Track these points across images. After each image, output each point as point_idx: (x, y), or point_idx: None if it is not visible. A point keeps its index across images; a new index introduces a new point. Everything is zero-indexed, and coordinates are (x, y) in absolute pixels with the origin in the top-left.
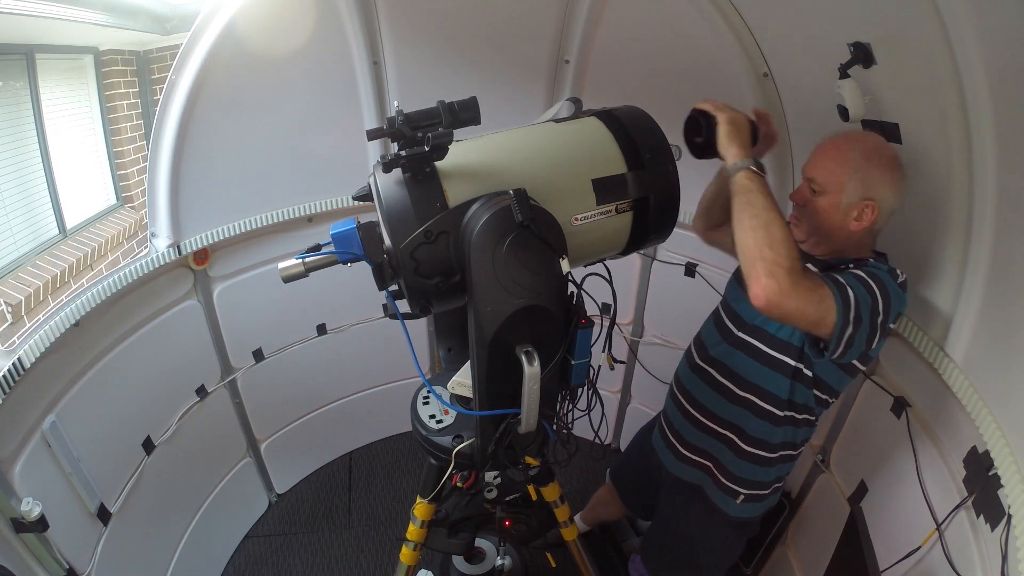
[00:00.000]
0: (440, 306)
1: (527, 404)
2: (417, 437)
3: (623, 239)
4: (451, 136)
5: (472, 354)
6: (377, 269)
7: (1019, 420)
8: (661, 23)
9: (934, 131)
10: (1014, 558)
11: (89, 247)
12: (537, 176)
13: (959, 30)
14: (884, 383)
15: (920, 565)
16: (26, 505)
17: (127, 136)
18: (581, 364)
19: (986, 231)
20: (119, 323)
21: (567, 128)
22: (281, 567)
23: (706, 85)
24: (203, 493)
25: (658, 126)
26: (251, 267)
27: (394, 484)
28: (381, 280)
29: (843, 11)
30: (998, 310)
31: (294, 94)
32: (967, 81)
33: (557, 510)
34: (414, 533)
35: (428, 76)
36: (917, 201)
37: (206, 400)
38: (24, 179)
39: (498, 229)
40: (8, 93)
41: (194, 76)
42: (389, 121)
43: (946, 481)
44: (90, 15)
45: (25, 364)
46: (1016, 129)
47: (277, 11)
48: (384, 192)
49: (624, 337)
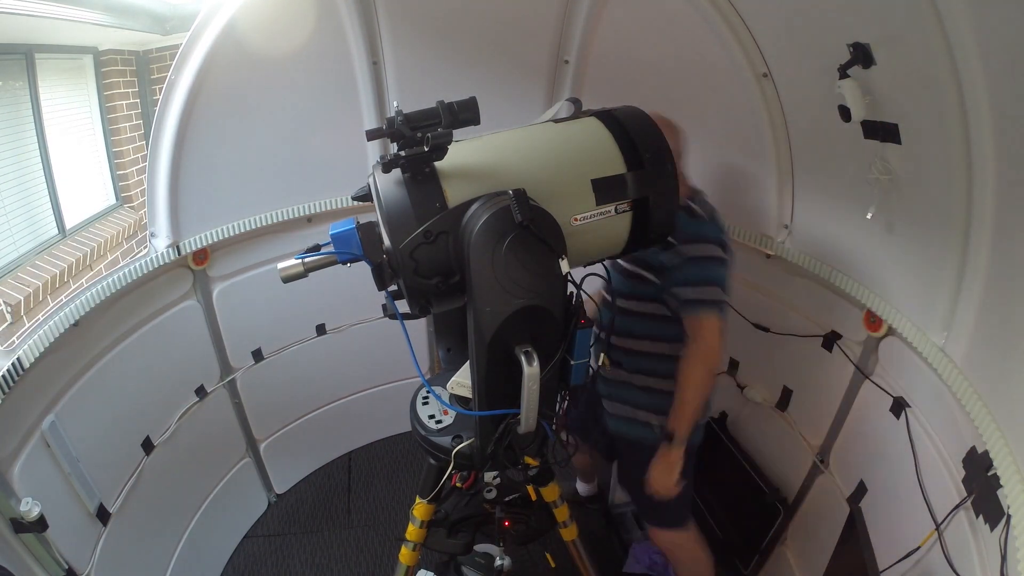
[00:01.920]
0: (439, 306)
1: (526, 404)
2: (416, 437)
3: (622, 239)
4: (450, 136)
5: (471, 354)
6: (376, 269)
7: (1018, 420)
8: (660, 23)
9: (933, 131)
10: (1013, 558)
11: (88, 247)
12: (537, 176)
13: (958, 30)
14: (883, 383)
15: (919, 565)
16: (25, 505)
17: (126, 136)
18: (580, 364)
19: (985, 232)
20: (118, 323)
21: (566, 128)
22: (280, 567)
23: (705, 85)
24: (202, 493)
25: (657, 126)
26: (250, 267)
27: (393, 484)
28: (380, 280)
29: (843, 11)
30: (997, 311)
31: (293, 94)
32: (966, 81)
33: (556, 510)
34: (413, 533)
35: (427, 76)
36: (916, 201)
37: (205, 400)
38: (24, 179)
39: (498, 229)
40: (8, 93)
41: (194, 76)
42: (388, 121)
43: (945, 481)
44: (90, 15)
45: (24, 364)
46: (1015, 129)
47: (277, 11)
48: (383, 192)
49: None
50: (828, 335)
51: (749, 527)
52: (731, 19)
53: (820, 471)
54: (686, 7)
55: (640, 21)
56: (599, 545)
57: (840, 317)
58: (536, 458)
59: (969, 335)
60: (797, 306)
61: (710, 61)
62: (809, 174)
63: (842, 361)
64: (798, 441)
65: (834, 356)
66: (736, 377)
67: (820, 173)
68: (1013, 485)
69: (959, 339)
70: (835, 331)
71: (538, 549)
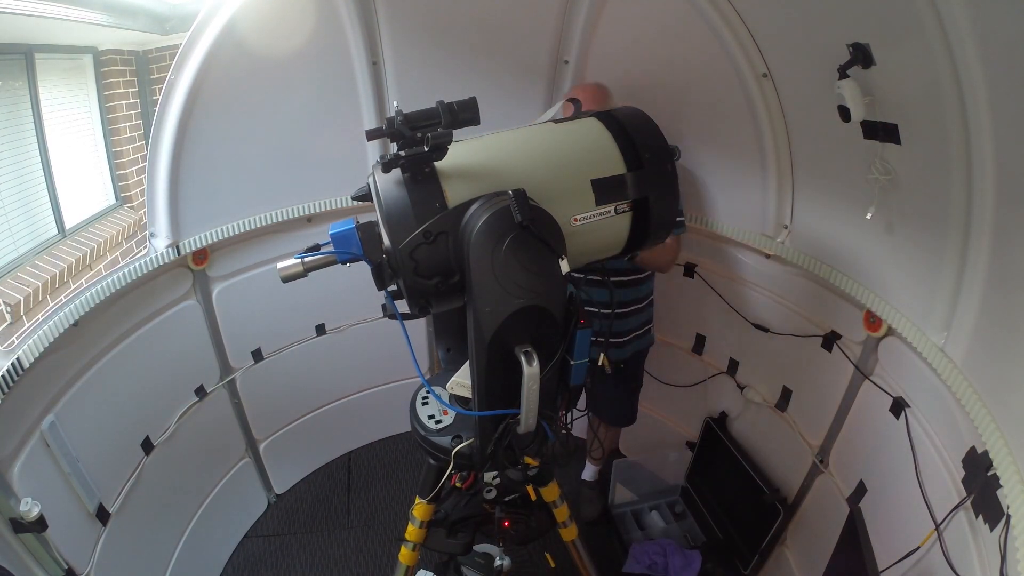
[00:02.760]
0: (439, 306)
1: (526, 404)
2: (416, 437)
3: (622, 240)
4: (450, 136)
5: (471, 354)
6: (376, 269)
7: (1018, 420)
8: (660, 24)
9: (933, 131)
10: (1013, 558)
11: (88, 247)
12: (536, 176)
13: (958, 30)
14: (883, 383)
15: (919, 565)
16: (25, 505)
17: (126, 136)
18: (580, 364)
19: (985, 232)
20: (118, 323)
21: (566, 128)
22: (280, 567)
23: (705, 85)
24: (202, 493)
25: (657, 127)
26: (250, 267)
27: (393, 484)
28: (380, 280)
29: (842, 12)
30: (997, 310)
31: (293, 94)
32: (966, 81)
33: (556, 510)
34: (413, 533)
35: (427, 76)
36: (916, 201)
37: (205, 400)
38: (23, 179)
39: (497, 229)
40: (7, 93)
41: (193, 76)
42: (388, 121)
43: (945, 481)
44: (89, 15)
45: (24, 364)
46: (1014, 129)
47: (276, 11)
48: (383, 192)
49: None
50: (828, 335)
51: (749, 527)
52: (731, 19)
53: (820, 471)
54: (686, 7)
55: (640, 21)
56: (599, 545)
57: (840, 317)
58: (536, 458)
59: (969, 335)
60: (797, 306)
61: (710, 61)
62: (809, 174)
63: (842, 361)
64: (798, 441)
65: (834, 356)
66: (736, 377)
67: (820, 173)
68: (1013, 485)
69: (959, 339)
70: (835, 331)
71: (538, 549)
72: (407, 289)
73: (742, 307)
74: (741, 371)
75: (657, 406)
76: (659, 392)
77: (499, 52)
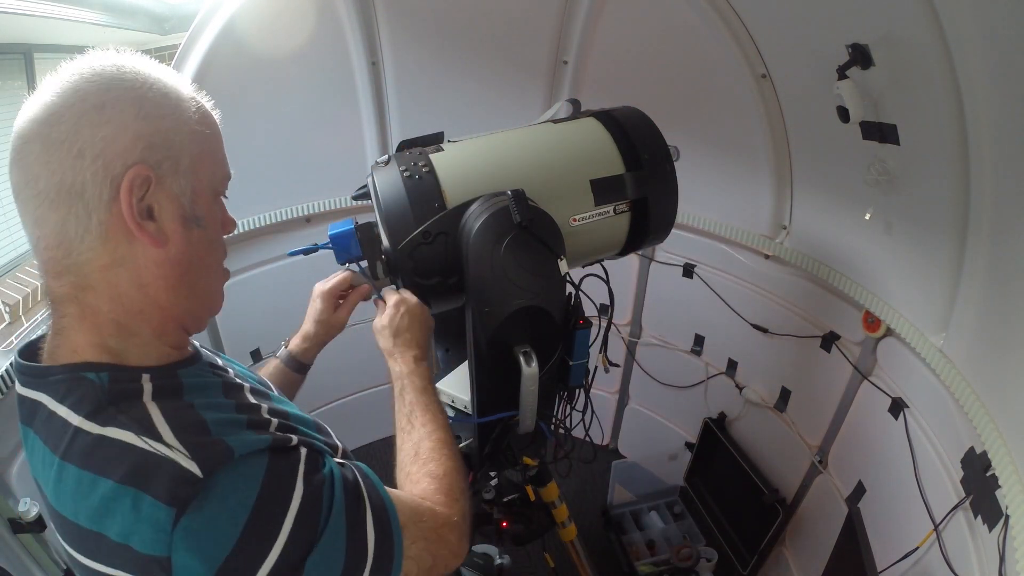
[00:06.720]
0: (438, 306)
1: (525, 405)
2: None
3: (621, 240)
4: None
5: (470, 354)
6: (371, 269)
7: (1017, 420)
8: (659, 24)
9: (932, 132)
10: (1012, 559)
11: None
12: (535, 177)
13: (957, 31)
14: (882, 384)
15: (918, 566)
16: (23, 505)
17: None
18: (579, 365)
19: (983, 232)
20: None
21: (565, 129)
22: None
23: (705, 86)
24: None
25: (656, 127)
26: (249, 267)
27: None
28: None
29: (841, 12)
30: (996, 311)
31: (292, 94)
32: (964, 82)
33: (555, 511)
34: None
35: (426, 76)
36: (915, 202)
37: None
38: None
39: (496, 230)
40: (6, 93)
41: (192, 76)
42: None
43: (944, 482)
44: (88, 15)
45: None
46: (1013, 130)
47: (275, 11)
48: (382, 192)
49: (622, 338)
50: (826, 336)
51: (748, 528)
52: (730, 20)
53: (819, 471)
54: (685, 8)
55: (639, 22)
56: (598, 545)
57: (838, 318)
58: (534, 458)
59: (968, 336)
60: (795, 307)
61: (709, 62)
62: (808, 175)
63: (841, 362)
64: (797, 442)
65: (833, 357)
66: (735, 378)
67: (819, 174)
68: (1011, 486)
69: (958, 340)
70: (833, 332)
71: (537, 549)
72: (406, 289)
73: (741, 307)
74: (740, 371)
75: (656, 407)
76: (658, 393)
77: (498, 52)
